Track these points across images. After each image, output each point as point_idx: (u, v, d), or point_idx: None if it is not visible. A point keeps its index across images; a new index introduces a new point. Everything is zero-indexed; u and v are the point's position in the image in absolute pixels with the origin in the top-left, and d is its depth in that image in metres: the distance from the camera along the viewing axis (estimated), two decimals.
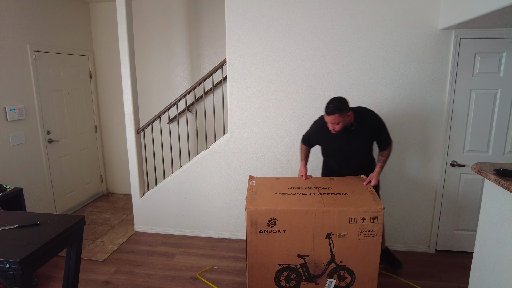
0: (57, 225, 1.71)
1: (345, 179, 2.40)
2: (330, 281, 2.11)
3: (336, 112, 2.15)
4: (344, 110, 2.17)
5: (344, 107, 2.17)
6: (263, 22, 2.81)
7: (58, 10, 3.69)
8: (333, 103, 2.17)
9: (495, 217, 1.89)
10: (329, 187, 2.27)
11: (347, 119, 2.23)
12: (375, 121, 2.32)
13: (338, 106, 2.15)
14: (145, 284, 2.59)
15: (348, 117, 2.22)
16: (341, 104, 2.17)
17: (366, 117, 2.32)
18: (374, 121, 2.32)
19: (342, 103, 2.17)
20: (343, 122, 2.20)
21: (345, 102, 2.19)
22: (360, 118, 2.30)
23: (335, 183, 2.33)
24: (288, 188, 2.27)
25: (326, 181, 2.37)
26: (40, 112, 3.45)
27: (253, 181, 2.37)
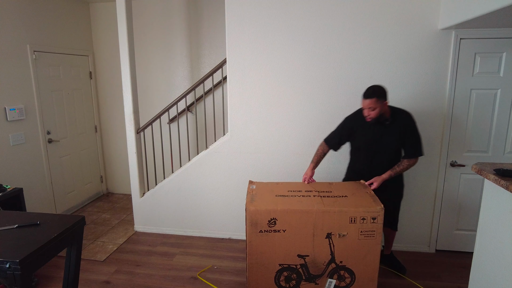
0: (57, 225, 1.71)
1: (345, 184, 2.40)
2: (330, 281, 2.11)
3: (374, 96, 2.18)
4: (381, 96, 2.19)
5: (382, 94, 2.20)
6: (263, 23, 2.81)
7: (58, 10, 3.69)
8: (372, 87, 2.22)
9: (495, 217, 1.89)
10: (329, 190, 2.27)
11: (383, 109, 2.24)
12: (408, 122, 2.31)
13: (377, 91, 2.19)
14: (145, 284, 2.59)
15: (384, 106, 2.23)
16: (380, 90, 2.20)
17: (400, 116, 2.32)
18: (407, 122, 2.31)
19: (381, 89, 2.21)
20: (379, 109, 2.21)
21: (384, 90, 2.22)
22: (396, 115, 2.32)
23: (335, 187, 2.33)
24: (288, 191, 2.27)
25: (326, 186, 2.37)
26: (40, 112, 3.45)
27: (253, 186, 2.38)
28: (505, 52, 2.57)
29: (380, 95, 2.20)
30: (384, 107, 2.25)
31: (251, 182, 2.44)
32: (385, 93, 2.22)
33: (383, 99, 2.21)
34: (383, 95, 2.21)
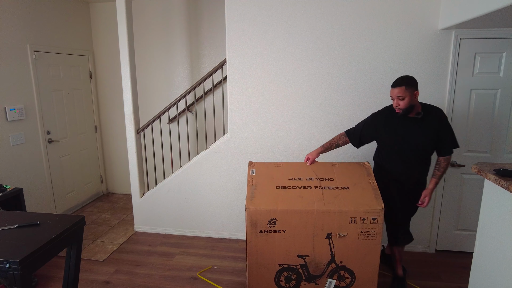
0: (57, 225, 1.71)
1: (348, 167, 2.31)
2: (330, 281, 2.11)
3: (403, 84, 2.07)
4: (411, 85, 2.07)
5: (411, 82, 2.08)
6: (263, 23, 2.81)
7: (58, 10, 3.69)
8: (401, 77, 2.11)
9: (495, 217, 1.89)
10: (331, 177, 2.20)
11: (413, 99, 2.10)
12: (441, 115, 2.17)
13: (406, 79, 2.09)
14: (145, 284, 2.59)
15: (414, 97, 2.10)
16: (409, 79, 2.09)
17: (433, 109, 2.19)
18: (440, 115, 2.17)
19: (410, 78, 2.10)
20: (408, 99, 2.08)
21: (414, 80, 2.11)
22: (427, 109, 2.18)
23: (338, 171, 2.26)
24: (288, 179, 2.21)
25: (328, 169, 2.29)
26: (40, 112, 3.45)
27: (253, 170, 2.30)
28: (505, 52, 2.57)
29: (409, 83, 2.07)
30: (415, 99, 2.10)
31: (251, 164, 2.36)
32: (415, 83, 2.09)
33: (413, 88, 2.08)
34: (413, 84, 2.08)
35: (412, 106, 2.13)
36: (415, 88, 2.09)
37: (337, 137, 2.43)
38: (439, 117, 2.16)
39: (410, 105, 2.11)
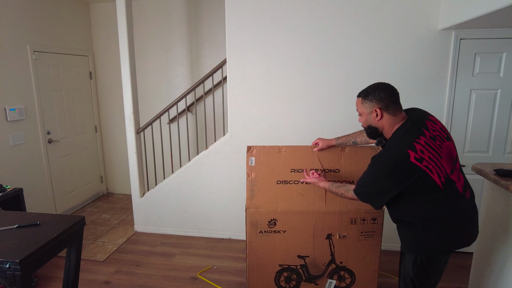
0: (57, 225, 1.71)
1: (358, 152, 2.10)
2: (330, 281, 2.11)
3: (360, 96, 1.60)
4: (369, 96, 1.54)
5: (371, 94, 1.54)
6: (263, 23, 2.81)
7: (58, 10, 3.69)
8: (370, 84, 1.60)
9: (495, 217, 1.89)
10: (337, 168, 2.06)
11: (373, 120, 1.56)
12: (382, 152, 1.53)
13: (367, 90, 1.58)
14: (145, 284, 2.59)
15: (373, 115, 1.54)
16: (371, 90, 1.55)
17: (390, 140, 1.55)
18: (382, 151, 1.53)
19: (375, 88, 1.55)
20: (364, 117, 1.59)
21: (379, 91, 1.53)
22: (390, 138, 1.56)
23: (346, 159, 2.07)
24: (290, 171, 2.07)
25: (336, 156, 2.09)
26: (40, 112, 3.45)
27: (252, 158, 2.12)
28: (505, 52, 2.57)
29: (367, 95, 1.55)
30: (375, 120, 1.55)
31: (249, 150, 2.14)
32: (380, 96, 1.52)
33: (372, 103, 1.53)
34: (374, 98, 1.53)
35: (373, 129, 1.59)
36: (376, 104, 1.52)
37: (356, 134, 2.06)
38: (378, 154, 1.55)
39: (368, 125, 1.60)
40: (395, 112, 1.53)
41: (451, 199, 1.50)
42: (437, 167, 1.43)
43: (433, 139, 1.48)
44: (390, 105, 1.52)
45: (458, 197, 1.50)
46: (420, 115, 1.59)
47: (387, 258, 2.81)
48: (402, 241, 1.66)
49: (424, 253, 1.56)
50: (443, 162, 1.46)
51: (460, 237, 1.55)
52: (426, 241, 1.55)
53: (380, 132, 1.59)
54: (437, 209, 1.50)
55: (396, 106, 1.54)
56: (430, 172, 1.42)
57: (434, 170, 1.42)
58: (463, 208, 1.52)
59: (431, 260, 1.57)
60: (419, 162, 1.40)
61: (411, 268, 1.61)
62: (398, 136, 1.51)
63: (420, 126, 1.50)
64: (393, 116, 1.53)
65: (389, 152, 1.48)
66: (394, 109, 1.53)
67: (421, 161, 1.41)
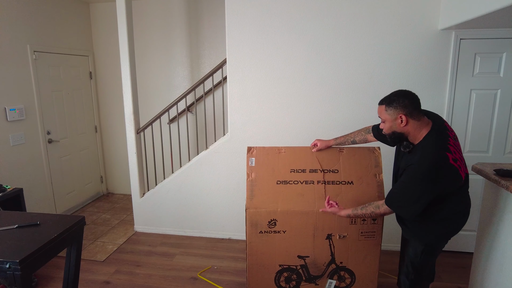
0: (57, 225, 1.71)
1: (356, 154, 2.13)
2: (330, 281, 2.11)
3: (383, 103, 1.62)
4: (394, 105, 1.57)
5: (395, 102, 1.57)
6: (263, 23, 2.81)
7: (58, 10, 3.69)
8: (394, 92, 1.64)
9: (495, 217, 1.89)
10: (336, 169, 2.09)
11: (398, 126, 1.59)
12: (417, 161, 1.53)
13: (389, 97, 1.61)
14: (145, 284, 2.59)
15: (399, 123, 1.58)
16: (394, 96, 1.59)
17: (425, 146, 1.56)
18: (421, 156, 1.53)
19: (399, 95, 1.58)
20: (389, 124, 1.61)
21: (403, 98, 1.56)
22: (423, 143, 1.58)
23: (344, 160, 2.09)
24: (290, 171, 2.09)
25: (334, 157, 2.11)
26: (40, 112, 3.45)
27: (252, 159, 2.14)
28: (505, 52, 2.57)
29: (391, 102, 1.58)
30: (400, 126, 1.58)
31: (249, 151, 2.17)
32: (404, 103, 1.55)
33: (397, 110, 1.56)
34: (398, 105, 1.56)
35: (397, 135, 1.62)
36: (400, 111, 1.56)
37: (354, 133, 2.10)
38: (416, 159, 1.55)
39: (392, 131, 1.63)
40: (419, 117, 1.59)
41: (465, 190, 1.70)
42: (462, 164, 1.57)
43: (455, 139, 1.62)
44: (414, 111, 1.58)
45: (467, 188, 1.70)
46: (437, 117, 1.70)
47: (387, 258, 2.81)
48: (413, 231, 1.76)
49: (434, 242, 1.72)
50: (463, 158, 1.62)
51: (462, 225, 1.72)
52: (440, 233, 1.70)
53: (406, 137, 1.63)
54: (456, 203, 1.66)
55: (419, 112, 1.60)
56: (460, 170, 1.54)
57: (462, 167, 1.56)
58: (468, 197, 1.73)
59: (435, 249, 1.74)
60: (455, 163, 1.52)
61: (418, 256, 1.74)
62: (432, 140, 1.56)
63: (445, 129, 1.62)
64: (418, 121, 1.59)
65: (429, 158, 1.51)
66: (418, 114, 1.59)
67: (456, 161, 1.53)
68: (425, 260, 1.74)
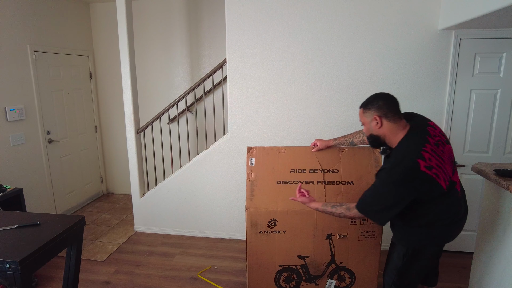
0: (57, 225, 1.71)
1: (356, 154, 2.15)
2: (330, 281, 2.11)
3: (361, 106, 1.64)
4: (369, 106, 1.58)
5: (371, 103, 1.58)
6: (263, 23, 2.81)
7: (58, 10, 3.69)
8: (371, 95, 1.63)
9: (495, 217, 1.89)
10: (336, 169, 2.09)
11: (374, 128, 1.59)
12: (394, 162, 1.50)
13: (367, 100, 1.62)
14: (145, 284, 2.59)
15: (375, 125, 1.57)
16: (371, 99, 1.59)
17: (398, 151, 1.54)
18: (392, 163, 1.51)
19: (375, 97, 1.59)
20: (367, 126, 1.63)
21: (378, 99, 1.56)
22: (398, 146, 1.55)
23: (344, 160, 2.10)
24: (290, 171, 2.09)
25: (334, 157, 2.11)
26: (40, 112, 3.45)
27: (252, 159, 2.15)
28: (505, 52, 2.57)
29: (367, 104, 1.59)
30: (376, 127, 1.58)
31: (250, 151, 2.18)
32: (378, 105, 1.55)
33: (372, 111, 1.57)
34: (373, 107, 1.56)
35: (375, 138, 1.62)
36: (375, 112, 1.55)
37: (353, 134, 2.12)
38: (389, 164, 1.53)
39: (370, 134, 1.63)
40: (394, 120, 1.55)
41: (452, 199, 1.58)
42: (442, 172, 1.48)
43: (437, 145, 1.51)
44: (389, 113, 1.55)
45: (456, 196, 1.59)
46: (420, 121, 1.62)
47: None
48: (396, 234, 1.72)
49: (417, 246, 1.65)
50: (446, 165, 1.52)
51: (452, 233, 1.64)
52: (423, 238, 1.64)
53: (382, 140, 1.61)
54: (440, 209, 1.57)
55: (396, 113, 1.56)
56: (438, 178, 1.46)
57: (440, 175, 1.47)
58: (459, 206, 1.62)
59: (419, 252, 1.65)
60: (428, 170, 1.43)
61: (401, 259, 1.68)
62: (405, 145, 1.52)
63: (424, 134, 1.53)
64: (393, 123, 1.55)
65: (399, 164, 1.47)
66: (393, 116, 1.55)
67: (430, 168, 1.44)
68: (408, 263, 1.67)
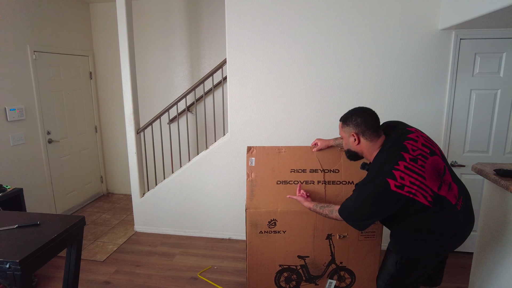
0: (57, 225, 1.71)
1: None
2: (330, 281, 2.11)
3: (341, 120, 1.65)
4: (347, 122, 1.58)
5: (348, 119, 1.57)
6: (263, 23, 2.81)
7: (58, 10, 3.69)
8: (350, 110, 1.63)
9: (495, 217, 1.89)
10: (336, 169, 2.08)
11: (352, 144, 1.59)
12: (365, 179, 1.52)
13: (346, 115, 1.62)
14: (145, 284, 2.59)
15: (351, 140, 1.58)
16: (349, 115, 1.59)
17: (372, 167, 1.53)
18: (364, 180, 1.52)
19: (352, 114, 1.58)
20: (345, 141, 1.64)
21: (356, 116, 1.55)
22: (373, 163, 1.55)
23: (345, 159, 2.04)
24: (290, 171, 2.09)
25: (335, 157, 2.11)
26: (40, 112, 3.45)
27: (252, 159, 2.14)
28: (505, 52, 2.57)
29: (345, 119, 1.59)
30: (354, 144, 1.57)
31: (249, 150, 2.17)
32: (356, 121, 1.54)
33: (347, 127, 1.57)
34: (349, 123, 1.56)
35: (353, 153, 1.64)
36: (352, 129, 1.55)
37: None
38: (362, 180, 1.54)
39: (347, 149, 1.64)
40: (371, 138, 1.53)
41: (443, 213, 1.49)
42: (421, 189, 1.41)
43: (414, 161, 1.44)
44: (367, 131, 1.53)
45: (449, 209, 1.49)
46: (399, 136, 1.54)
47: None
48: (391, 241, 1.69)
49: (411, 255, 1.60)
50: (428, 182, 1.43)
51: (450, 244, 1.60)
52: (416, 249, 1.58)
53: (360, 156, 1.62)
54: (429, 223, 1.51)
55: (374, 131, 1.53)
56: (415, 196, 1.40)
57: (418, 193, 1.41)
58: (454, 218, 1.52)
59: (414, 262, 1.61)
60: (400, 190, 1.39)
61: (394, 266, 1.64)
62: (377, 164, 1.49)
63: (399, 150, 1.46)
64: (370, 141, 1.54)
65: (369, 183, 1.47)
66: (371, 134, 1.53)
67: (402, 187, 1.39)
68: (401, 271, 1.63)
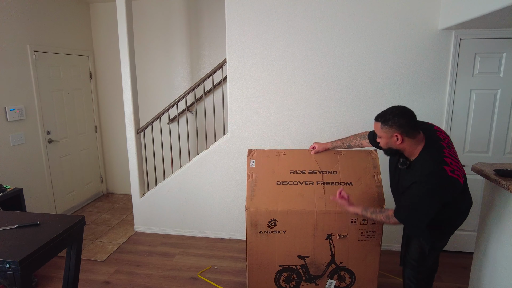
0: (57, 225, 1.71)
1: (354, 156, 2.18)
2: (330, 281, 2.11)
3: (378, 120, 1.64)
4: (388, 122, 1.59)
5: (391, 120, 1.58)
6: (263, 23, 2.81)
7: (58, 10, 3.69)
8: (389, 108, 1.64)
9: (495, 218, 1.89)
10: (334, 170, 2.12)
11: (394, 143, 1.62)
12: (421, 179, 1.56)
13: (385, 113, 1.62)
14: (145, 284, 2.59)
15: (395, 141, 1.61)
16: (389, 113, 1.60)
17: (423, 164, 1.59)
18: (422, 174, 1.56)
19: (393, 112, 1.59)
20: (384, 140, 1.65)
21: (399, 117, 1.57)
22: (419, 161, 1.61)
23: (342, 162, 2.13)
24: (290, 172, 2.12)
25: (332, 159, 2.15)
26: (40, 112, 3.45)
27: (252, 161, 2.19)
28: (505, 52, 2.57)
29: (386, 120, 1.59)
30: (396, 143, 1.61)
31: (250, 153, 2.22)
32: (399, 122, 1.57)
33: (392, 129, 1.59)
34: (394, 124, 1.57)
35: (393, 151, 1.68)
36: (396, 130, 1.58)
37: (350, 138, 2.17)
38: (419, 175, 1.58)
39: (388, 148, 1.67)
40: (414, 135, 1.62)
41: (466, 191, 1.77)
42: (460, 170, 1.58)
43: (449, 147, 1.63)
44: (410, 130, 1.60)
45: (466, 188, 1.76)
46: (429, 128, 1.72)
47: (387, 258, 2.80)
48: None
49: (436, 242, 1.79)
50: (460, 163, 1.62)
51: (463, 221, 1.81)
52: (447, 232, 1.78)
53: (401, 152, 1.68)
54: (462, 200, 1.74)
55: (415, 129, 1.62)
56: (459, 177, 1.55)
57: (460, 174, 1.57)
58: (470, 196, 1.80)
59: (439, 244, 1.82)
60: (453, 173, 1.53)
61: (425, 253, 1.82)
62: (428, 157, 1.60)
63: (438, 140, 1.64)
64: (413, 139, 1.62)
65: (430, 176, 1.55)
66: (413, 133, 1.61)
67: (454, 171, 1.54)
68: (431, 256, 1.83)
